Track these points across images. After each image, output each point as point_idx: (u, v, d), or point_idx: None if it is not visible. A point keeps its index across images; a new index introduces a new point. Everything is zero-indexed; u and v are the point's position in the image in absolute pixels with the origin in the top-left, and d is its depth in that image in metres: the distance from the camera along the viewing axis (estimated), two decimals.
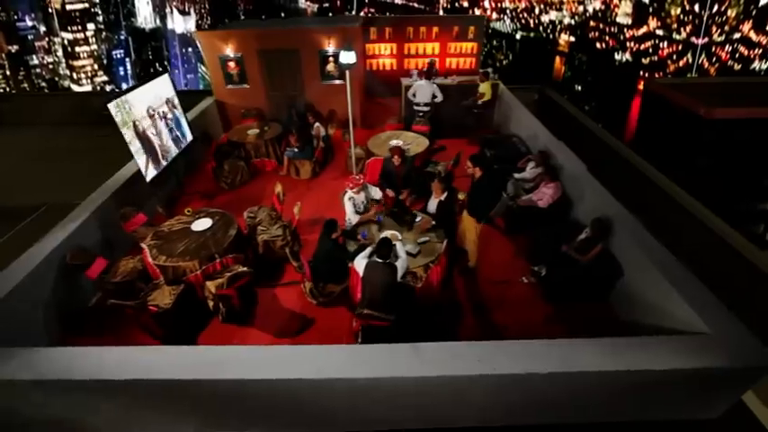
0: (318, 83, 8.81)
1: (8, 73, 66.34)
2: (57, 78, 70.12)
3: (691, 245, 5.91)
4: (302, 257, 4.80)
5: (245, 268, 4.65)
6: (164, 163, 6.35)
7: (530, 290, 5.06)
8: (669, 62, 56.13)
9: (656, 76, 53.58)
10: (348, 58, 4.90)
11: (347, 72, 5.12)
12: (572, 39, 68.00)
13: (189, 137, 7.22)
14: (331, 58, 8.49)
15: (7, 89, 63.56)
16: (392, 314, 4.06)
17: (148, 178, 5.97)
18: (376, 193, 5.55)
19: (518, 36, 74.74)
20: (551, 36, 71.15)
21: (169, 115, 6.66)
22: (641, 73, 56.31)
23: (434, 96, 8.08)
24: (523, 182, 6.32)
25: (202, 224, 5.24)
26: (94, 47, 70.23)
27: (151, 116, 6.14)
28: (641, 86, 44.14)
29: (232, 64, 8.51)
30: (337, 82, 8.78)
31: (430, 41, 9.71)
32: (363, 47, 9.74)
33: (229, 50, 8.34)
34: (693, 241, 5.93)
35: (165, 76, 6.67)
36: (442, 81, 8.72)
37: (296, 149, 7.37)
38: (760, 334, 4.62)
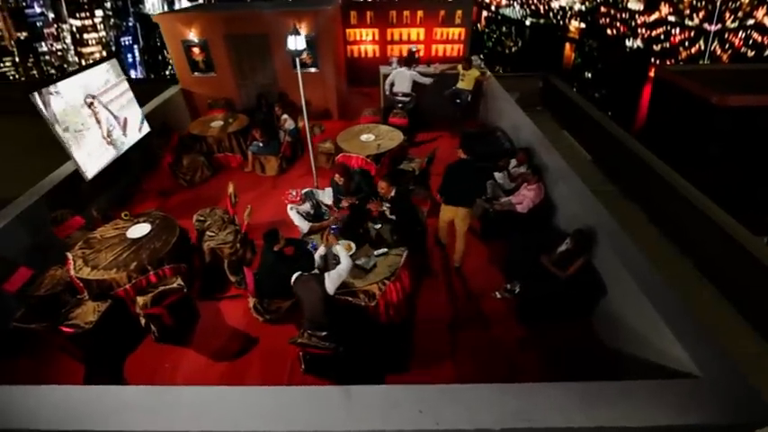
0: (291, 71, 8.15)
1: (17, 60, 65.87)
2: (65, 65, 69.49)
3: (694, 239, 5.64)
4: (246, 270, 4.25)
5: (176, 284, 4.12)
6: (108, 159, 5.79)
7: (503, 306, 4.50)
8: (681, 49, 54.43)
9: (668, 63, 52.02)
10: (295, 43, 4.27)
11: (297, 59, 4.49)
12: (582, 25, 66.17)
13: (144, 129, 6.65)
14: None
15: (17, 76, 63.18)
16: (335, 338, 3.54)
17: (89, 176, 5.44)
18: (326, 196, 4.98)
19: (528, 22, 72.78)
20: (561, 22, 69.27)
21: (116, 104, 6.07)
22: (652, 60, 54.59)
23: (416, 83, 7.43)
24: (504, 182, 5.71)
25: (139, 230, 4.68)
26: (102, 33, 69.65)
27: (91, 105, 5.56)
28: (652, 73, 42.74)
29: (196, 50, 7.86)
30: (312, 70, 8.14)
31: (414, 26, 8.95)
32: (343, 32, 9.03)
33: (192, 35, 7.68)
34: (697, 235, 5.62)
35: (113, 61, 6.07)
36: (424, 69, 8.02)
37: (260, 144, 6.78)
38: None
